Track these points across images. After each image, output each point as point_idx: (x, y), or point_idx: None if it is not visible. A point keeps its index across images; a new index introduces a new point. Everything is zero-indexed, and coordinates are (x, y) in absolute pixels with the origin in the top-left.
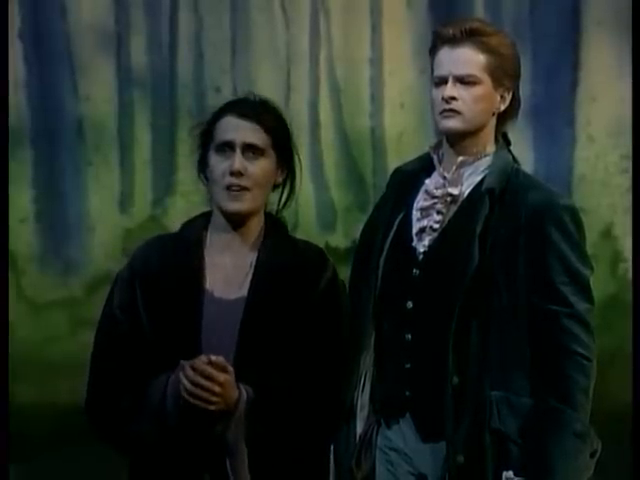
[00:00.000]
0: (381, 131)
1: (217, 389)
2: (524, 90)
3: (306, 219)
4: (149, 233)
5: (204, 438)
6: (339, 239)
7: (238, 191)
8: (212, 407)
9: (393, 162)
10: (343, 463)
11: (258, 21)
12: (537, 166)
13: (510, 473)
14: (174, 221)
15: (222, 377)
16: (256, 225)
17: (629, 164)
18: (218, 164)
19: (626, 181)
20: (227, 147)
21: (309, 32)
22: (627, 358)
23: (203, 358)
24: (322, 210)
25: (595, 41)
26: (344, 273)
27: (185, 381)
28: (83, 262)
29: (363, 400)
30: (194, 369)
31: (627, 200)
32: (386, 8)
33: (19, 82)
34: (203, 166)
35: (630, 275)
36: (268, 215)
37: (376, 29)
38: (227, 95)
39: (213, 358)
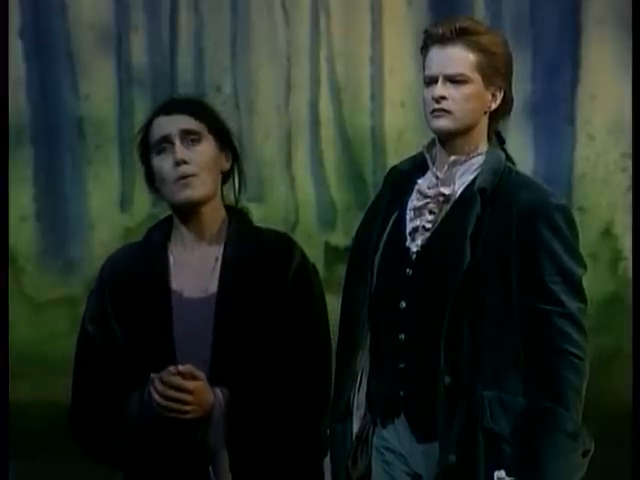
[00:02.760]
0: (381, 130)
1: (189, 398)
2: (524, 88)
3: (306, 218)
4: None
5: (185, 446)
6: (339, 238)
7: (187, 178)
8: (187, 416)
9: (393, 161)
10: (339, 462)
11: (258, 20)
12: (537, 164)
13: (502, 472)
14: None
15: (192, 385)
16: (214, 217)
17: (629, 162)
18: (163, 163)
19: (626, 180)
20: (165, 143)
21: (309, 31)
22: (627, 357)
23: (171, 369)
24: (322, 209)
25: (595, 39)
26: (344, 272)
27: (156, 396)
28: (83, 261)
29: (359, 399)
30: (163, 382)
31: (627, 199)
32: (386, 6)
33: (19, 81)
34: (150, 180)
35: (630, 274)
36: (230, 208)
37: (376, 27)
38: (228, 94)
39: (181, 368)
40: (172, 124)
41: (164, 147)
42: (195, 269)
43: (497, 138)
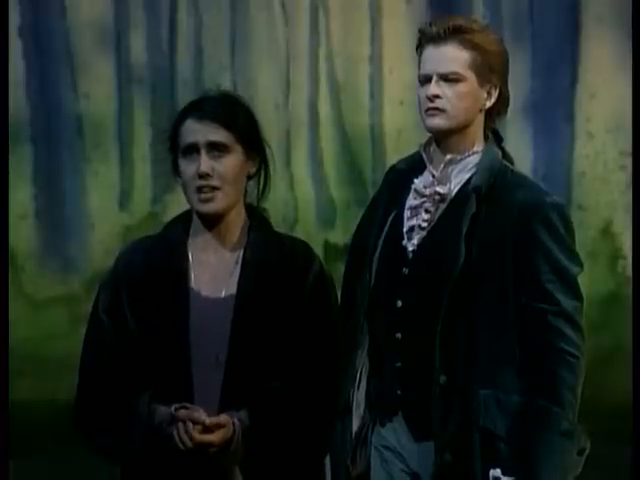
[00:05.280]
0: (380, 128)
1: (213, 449)
2: (524, 87)
3: (306, 216)
4: (148, 230)
5: (200, 467)
6: (338, 236)
7: (208, 192)
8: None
9: (392, 159)
10: (339, 460)
11: (258, 18)
12: (536, 163)
13: (498, 471)
14: None
15: (218, 437)
16: (237, 221)
17: (628, 161)
18: (187, 168)
19: (625, 178)
20: (192, 150)
21: (308, 29)
22: (626, 355)
23: (198, 421)
24: (322, 207)
25: (595, 38)
26: (343, 270)
27: (179, 444)
28: (82, 259)
29: (359, 398)
30: (189, 435)
31: (626, 197)
32: (385, 5)
33: (19, 80)
34: (176, 170)
35: (629, 272)
36: (251, 210)
37: (375, 26)
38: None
39: (207, 422)
40: (201, 133)
41: (190, 152)
42: (214, 269)
43: (495, 136)
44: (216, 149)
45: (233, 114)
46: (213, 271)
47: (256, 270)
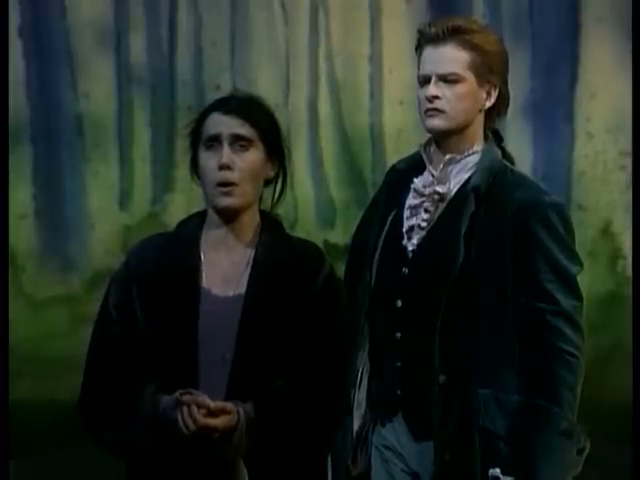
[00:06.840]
0: (380, 128)
1: (216, 434)
2: (523, 87)
3: (305, 216)
4: (148, 230)
5: (204, 458)
6: (338, 236)
7: (228, 186)
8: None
9: (392, 159)
10: (340, 459)
11: (257, 18)
12: (536, 163)
13: (497, 471)
14: (173, 218)
15: (221, 422)
16: (250, 221)
17: (628, 161)
18: (208, 160)
19: (625, 178)
20: (215, 142)
21: (308, 29)
22: (626, 355)
23: (203, 405)
24: (321, 207)
25: (595, 37)
26: (343, 270)
27: (184, 428)
28: (82, 259)
29: (360, 397)
30: (193, 419)
31: (626, 197)
32: (385, 5)
33: (19, 80)
34: (195, 165)
35: (629, 272)
36: (263, 213)
37: (375, 26)
38: (226, 92)
39: (212, 406)
40: (225, 125)
41: (213, 145)
42: (225, 269)
43: (495, 136)
44: (239, 142)
45: (259, 113)
46: (224, 270)
47: (266, 271)
